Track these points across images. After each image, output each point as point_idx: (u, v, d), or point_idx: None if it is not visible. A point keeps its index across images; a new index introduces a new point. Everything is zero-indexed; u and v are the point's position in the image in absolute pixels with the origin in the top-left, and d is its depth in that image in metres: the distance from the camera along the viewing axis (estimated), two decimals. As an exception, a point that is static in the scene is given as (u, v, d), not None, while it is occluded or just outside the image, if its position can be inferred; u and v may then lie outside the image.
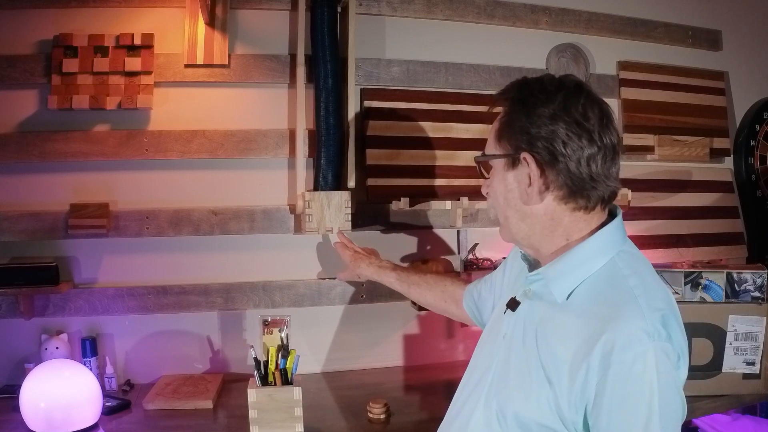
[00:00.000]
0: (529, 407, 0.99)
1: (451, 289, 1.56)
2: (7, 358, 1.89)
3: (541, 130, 0.99)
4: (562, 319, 1.00)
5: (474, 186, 2.14)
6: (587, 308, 0.98)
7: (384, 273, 1.67)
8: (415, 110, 2.13)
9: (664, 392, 0.90)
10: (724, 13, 2.61)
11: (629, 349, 0.90)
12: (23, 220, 1.88)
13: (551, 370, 0.97)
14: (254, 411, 1.54)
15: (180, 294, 1.99)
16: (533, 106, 1.01)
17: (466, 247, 2.23)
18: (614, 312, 0.94)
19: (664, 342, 0.91)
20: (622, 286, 0.98)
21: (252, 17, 2.04)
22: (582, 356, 0.93)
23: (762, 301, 1.80)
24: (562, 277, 1.02)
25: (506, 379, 1.05)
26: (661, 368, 0.90)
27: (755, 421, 2.02)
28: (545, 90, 1.02)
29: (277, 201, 2.06)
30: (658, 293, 0.98)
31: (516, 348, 1.06)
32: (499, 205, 1.10)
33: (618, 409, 0.90)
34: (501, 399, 1.04)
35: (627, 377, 0.89)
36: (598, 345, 0.91)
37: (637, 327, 0.91)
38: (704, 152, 2.50)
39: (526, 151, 1.01)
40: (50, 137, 1.89)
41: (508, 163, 1.05)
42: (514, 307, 1.11)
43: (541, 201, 1.03)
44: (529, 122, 1.01)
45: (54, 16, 1.90)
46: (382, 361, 2.16)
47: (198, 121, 1.99)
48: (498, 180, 1.08)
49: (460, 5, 2.21)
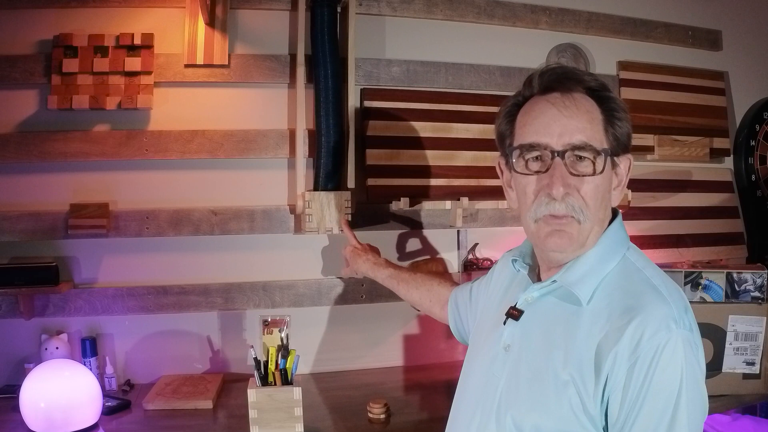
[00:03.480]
0: (550, 417, 0.94)
1: (437, 289, 1.53)
2: (7, 358, 1.89)
3: (630, 130, 1.01)
4: (582, 319, 0.96)
5: (474, 186, 2.14)
6: (609, 303, 0.95)
7: (377, 269, 1.67)
8: (415, 110, 2.13)
9: (691, 380, 0.89)
10: (724, 13, 2.61)
11: (658, 336, 0.88)
12: (23, 220, 1.88)
13: (574, 372, 0.93)
14: (254, 411, 1.54)
15: (180, 294, 1.99)
16: (619, 102, 1.00)
17: (466, 247, 2.23)
18: (639, 301, 0.92)
19: (687, 331, 0.91)
20: (640, 277, 0.97)
21: (252, 17, 2.04)
22: (609, 348, 0.90)
23: (762, 301, 1.80)
24: (583, 280, 0.98)
25: (518, 391, 0.99)
26: (688, 356, 0.89)
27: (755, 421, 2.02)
28: (609, 87, 1.02)
29: (277, 201, 2.06)
30: (673, 286, 0.98)
31: (528, 357, 1.00)
32: (593, 206, 0.97)
33: (647, 396, 0.88)
34: (516, 414, 0.97)
35: (657, 364, 0.88)
36: (627, 333, 0.89)
37: (664, 314, 0.90)
38: (704, 152, 2.49)
39: (629, 151, 1.02)
40: (50, 137, 1.89)
41: (613, 160, 0.99)
42: (517, 316, 1.05)
43: (616, 202, 1.04)
44: (627, 120, 1.00)
45: (54, 16, 1.90)
46: (382, 361, 2.16)
47: (198, 121, 1.99)
48: (604, 178, 0.98)
49: (460, 5, 2.21)
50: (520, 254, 1.14)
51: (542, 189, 0.97)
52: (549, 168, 0.96)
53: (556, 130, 0.96)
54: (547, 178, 0.96)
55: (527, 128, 1.00)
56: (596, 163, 0.96)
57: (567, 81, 0.98)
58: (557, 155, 0.95)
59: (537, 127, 0.98)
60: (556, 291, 1.02)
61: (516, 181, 1.03)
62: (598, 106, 0.98)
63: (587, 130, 0.96)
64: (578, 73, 1.01)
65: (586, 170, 0.96)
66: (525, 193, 1.01)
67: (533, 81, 1.02)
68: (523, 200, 1.02)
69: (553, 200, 0.96)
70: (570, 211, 0.96)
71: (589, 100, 0.98)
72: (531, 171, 0.99)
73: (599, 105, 0.99)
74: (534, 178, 0.99)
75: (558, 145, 0.96)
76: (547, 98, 0.99)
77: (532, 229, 1.01)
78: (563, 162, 0.95)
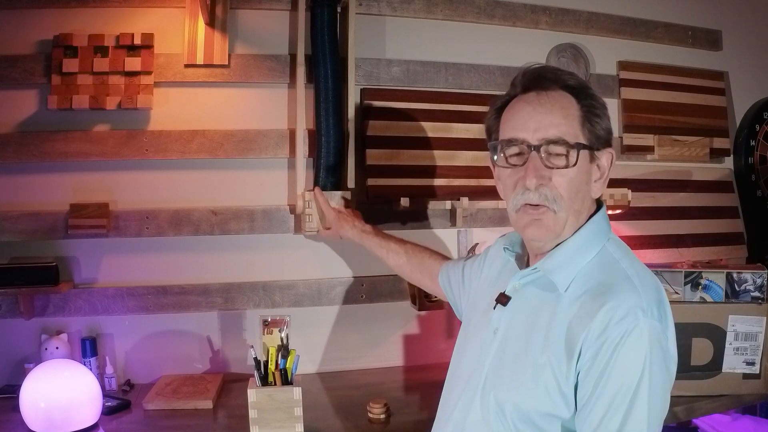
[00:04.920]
0: (528, 397, 1.01)
1: (429, 262, 1.60)
2: (7, 358, 1.89)
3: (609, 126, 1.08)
4: (560, 305, 1.03)
5: (474, 186, 2.14)
6: (584, 291, 1.01)
7: (366, 237, 1.71)
8: (415, 110, 2.13)
9: (654, 368, 0.94)
10: (724, 13, 2.61)
11: (625, 322, 0.94)
12: (23, 220, 1.88)
13: (552, 355, 1.00)
14: (254, 411, 1.54)
15: (180, 294, 1.99)
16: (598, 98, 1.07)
17: (466, 247, 2.23)
18: (610, 289, 0.98)
19: (655, 321, 0.95)
20: (615, 267, 1.03)
21: (252, 17, 2.04)
22: (579, 330, 0.97)
23: (762, 301, 1.80)
24: (561, 268, 1.05)
25: (501, 372, 1.07)
26: (653, 345, 0.94)
27: (755, 421, 2.02)
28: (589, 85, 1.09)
29: (277, 201, 2.06)
30: (648, 278, 1.03)
31: (512, 341, 1.08)
32: (567, 198, 1.04)
33: (609, 379, 0.93)
34: (498, 393, 1.05)
35: (621, 348, 0.93)
36: (597, 318, 0.95)
37: (634, 302, 0.95)
38: (704, 152, 2.50)
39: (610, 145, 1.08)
40: (50, 137, 1.89)
41: (591, 154, 1.06)
42: (504, 302, 1.12)
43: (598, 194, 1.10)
44: (606, 116, 1.07)
45: (54, 16, 1.90)
46: (382, 361, 2.16)
47: (198, 121, 1.99)
48: (579, 171, 1.04)
49: (460, 5, 2.21)
50: (510, 243, 1.22)
51: (519, 180, 1.06)
52: (526, 161, 1.05)
53: (532, 125, 1.04)
54: (523, 171, 1.05)
55: (507, 125, 1.09)
56: (569, 156, 1.03)
57: (544, 80, 1.06)
58: (533, 149, 1.04)
59: (515, 124, 1.07)
60: (539, 279, 1.08)
61: (499, 174, 1.13)
62: (577, 102, 1.05)
63: (562, 126, 1.03)
64: (556, 72, 1.08)
65: (560, 163, 1.03)
66: (506, 185, 1.10)
67: (516, 81, 1.10)
68: (505, 192, 1.11)
69: (527, 190, 1.04)
70: (543, 201, 1.03)
71: (566, 96, 1.05)
72: (509, 165, 1.08)
73: (578, 102, 1.05)
74: (513, 170, 1.07)
75: (534, 139, 1.04)
76: (525, 97, 1.07)
77: (513, 219, 1.10)
78: (539, 155, 1.03)
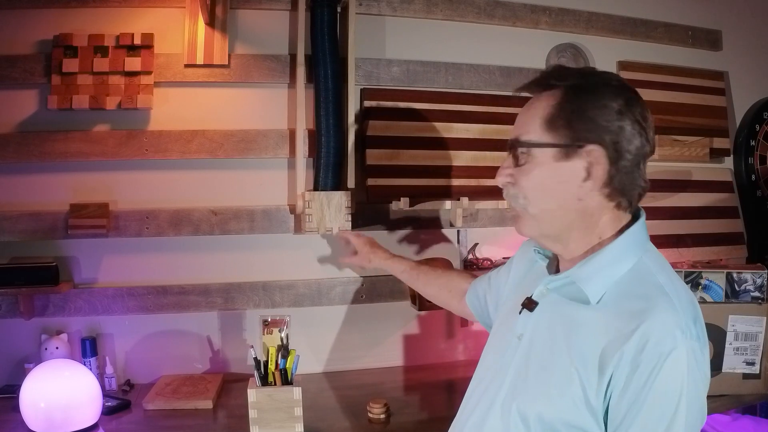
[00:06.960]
0: (554, 406, 0.97)
1: (456, 281, 1.55)
2: (7, 358, 1.89)
3: (610, 124, 0.97)
4: (592, 316, 0.98)
5: (474, 186, 2.14)
6: (619, 305, 0.97)
7: (395, 262, 1.69)
8: (415, 110, 2.13)
9: (692, 392, 0.91)
10: (724, 13, 2.61)
11: (663, 344, 0.90)
12: (23, 220, 1.88)
13: (580, 367, 0.95)
14: (254, 411, 1.54)
15: (180, 294, 1.99)
16: (602, 97, 0.98)
17: (466, 247, 2.23)
18: (647, 305, 0.93)
19: (693, 341, 0.92)
20: (652, 282, 0.98)
21: (252, 17, 2.04)
22: (615, 348, 0.92)
23: (762, 301, 1.80)
24: (594, 278, 1.00)
25: (526, 381, 1.02)
26: (691, 367, 0.91)
27: (755, 421, 2.02)
28: (610, 84, 1.00)
29: (277, 201, 2.06)
30: (685, 293, 0.99)
31: (538, 348, 1.03)
32: (532, 197, 1.02)
33: (646, 402, 0.89)
34: (521, 404, 1.01)
35: (659, 371, 0.89)
36: (634, 337, 0.91)
37: (671, 322, 0.91)
38: (704, 152, 2.50)
39: (594, 143, 0.98)
40: (50, 137, 1.89)
41: (562, 153, 0.99)
42: (531, 307, 1.08)
43: (593, 197, 1.00)
44: (599, 113, 0.97)
45: (54, 16, 1.90)
46: (382, 361, 2.16)
47: (198, 121, 1.99)
48: (543, 170, 1.01)
49: (460, 5, 2.21)
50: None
51: None
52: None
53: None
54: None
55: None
56: (526, 155, 1.02)
57: (534, 87, 1.06)
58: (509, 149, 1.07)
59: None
60: (568, 287, 1.04)
61: None
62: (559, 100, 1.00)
63: (526, 125, 1.03)
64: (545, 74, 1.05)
65: (519, 162, 1.04)
66: None
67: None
68: None
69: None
70: (509, 199, 1.07)
71: (553, 95, 1.01)
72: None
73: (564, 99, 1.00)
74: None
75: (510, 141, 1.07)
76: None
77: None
78: (511, 155, 1.05)
